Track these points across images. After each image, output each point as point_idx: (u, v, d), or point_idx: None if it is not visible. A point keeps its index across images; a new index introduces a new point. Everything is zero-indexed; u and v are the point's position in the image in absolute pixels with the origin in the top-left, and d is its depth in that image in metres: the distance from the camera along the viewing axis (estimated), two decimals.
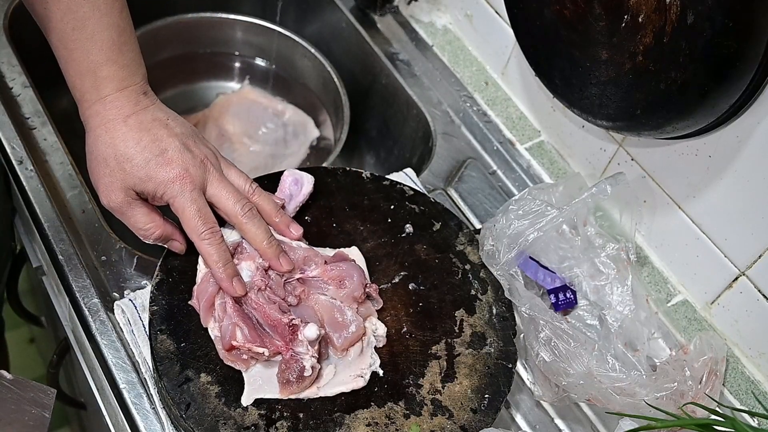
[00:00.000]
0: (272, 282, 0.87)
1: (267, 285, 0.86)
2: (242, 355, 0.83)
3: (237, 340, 0.82)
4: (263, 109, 1.35)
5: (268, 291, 0.86)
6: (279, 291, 0.86)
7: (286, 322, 0.83)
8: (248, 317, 0.84)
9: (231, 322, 0.83)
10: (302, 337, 0.82)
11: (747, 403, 0.94)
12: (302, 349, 0.82)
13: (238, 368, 0.84)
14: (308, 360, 0.82)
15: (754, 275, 0.92)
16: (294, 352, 0.82)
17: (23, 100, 1.08)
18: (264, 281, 0.86)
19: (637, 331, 0.93)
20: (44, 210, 0.97)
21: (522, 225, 0.92)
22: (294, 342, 0.82)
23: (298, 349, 0.82)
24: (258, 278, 0.86)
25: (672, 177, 0.98)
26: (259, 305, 0.85)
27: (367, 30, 1.30)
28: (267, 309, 0.84)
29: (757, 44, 0.75)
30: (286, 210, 0.94)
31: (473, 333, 0.91)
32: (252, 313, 0.85)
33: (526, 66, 1.03)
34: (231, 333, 0.82)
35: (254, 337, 0.82)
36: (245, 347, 0.82)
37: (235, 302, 0.85)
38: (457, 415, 0.84)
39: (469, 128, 1.19)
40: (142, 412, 0.85)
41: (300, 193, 0.96)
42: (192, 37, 1.35)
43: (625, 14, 0.84)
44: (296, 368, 0.81)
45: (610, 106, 0.91)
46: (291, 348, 0.82)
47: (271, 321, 0.84)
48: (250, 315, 0.85)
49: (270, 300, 0.85)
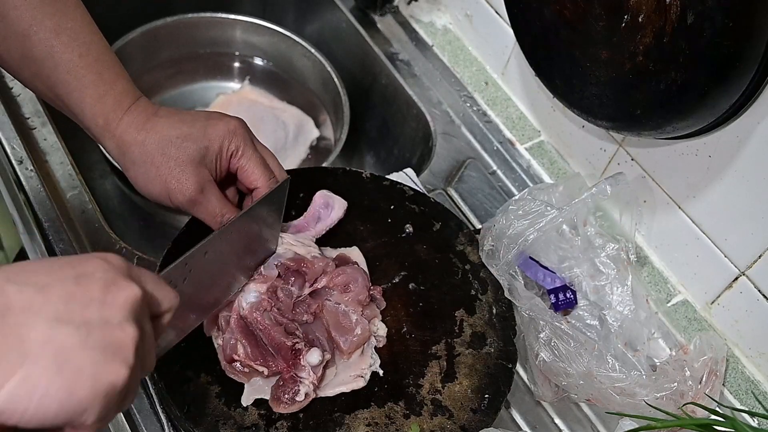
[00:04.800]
0: (281, 303, 0.85)
1: (273, 306, 0.84)
2: (243, 369, 0.83)
3: (238, 355, 0.82)
4: (263, 109, 1.35)
5: (275, 311, 0.84)
6: (287, 312, 0.85)
7: (290, 346, 0.82)
8: (252, 334, 0.83)
9: (233, 336, 0.83)
10: (305, 363, 0.81)
11: (747, 403, 0.94)
12: (304, 374, 0.81)
13: (239, 381, 0.83)
14: (305, 386, 0.81)
15: (754, 275, 0.92)
16: (295, 375, 0.81)
17: (23, 100, 1.08)
18: (270, 302, 0.84)
19: (637, 331, 0.93)
20: (44, 210, 0.97)
21: (522, 225, 0.92)
22: (296, 366, 0.82)
23: (300, 374, 0.81)
24: (265, 298, 0.84)
25: (672, 177, 0.98)
26: (264, 327, 0.83)
27: (367, 30, 1.30)
28: (272, 331, 0.83)
29: (757, 44, 0.75)
30: (316, 229, 0.94)
31: (473, 333, 0.91)
32: (258, 332, 0.84)
33: (526, 66, 1.03)
34: (232, 347, 0.82)
35: (256, 355, 0.82)
36: (246, 363, 0.82)
37: (241, 318, 0.84)
38: (457, 415, 0.84)
39: (469, 128, 1.19)
40: (142, 412, 0.85)
41: (329, 217, 0.95)
42: (192, 37, 1.35)
43: (625, 14, 0.84)
44: (291, 390, 0.81)
45: (610, 106, 0.91)
46: (292, 370, 0.81)
47: (275, 343, 0.82)
48: (255, 333, 0.84)
49: (276, 321, 0.84)
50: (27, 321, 0.49)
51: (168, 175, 0.82)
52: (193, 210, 0.84)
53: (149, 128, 0.82)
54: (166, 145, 0.82)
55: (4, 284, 0.50)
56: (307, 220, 0.95)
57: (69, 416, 0.49)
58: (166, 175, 0.82)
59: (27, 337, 0.48)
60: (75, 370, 0.49)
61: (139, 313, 0.54)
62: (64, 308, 0.50)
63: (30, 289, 0.50)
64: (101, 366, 0.50)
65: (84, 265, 0.53)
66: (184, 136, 0.82)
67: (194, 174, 0.82)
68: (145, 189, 0.83)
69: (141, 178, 0.83)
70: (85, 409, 0.49)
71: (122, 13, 1.32)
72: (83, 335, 0.50)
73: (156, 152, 0.82)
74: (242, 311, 0.84)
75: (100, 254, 0.55)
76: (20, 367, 0.47)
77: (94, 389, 0.49)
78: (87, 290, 0.52)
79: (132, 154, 0.82)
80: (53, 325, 0.49)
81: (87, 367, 0.49)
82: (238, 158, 0.85)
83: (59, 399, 0.48)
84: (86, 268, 0.53)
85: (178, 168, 0.82)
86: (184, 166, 0.82)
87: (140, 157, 0.82)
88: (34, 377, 0.47)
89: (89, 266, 0.53)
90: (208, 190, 0.83)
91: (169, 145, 0.82)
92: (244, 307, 0.84)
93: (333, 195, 0.96)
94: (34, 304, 0.50)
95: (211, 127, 0.84)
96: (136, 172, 0.82)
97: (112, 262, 0.55)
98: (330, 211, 0.96)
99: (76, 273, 0.52)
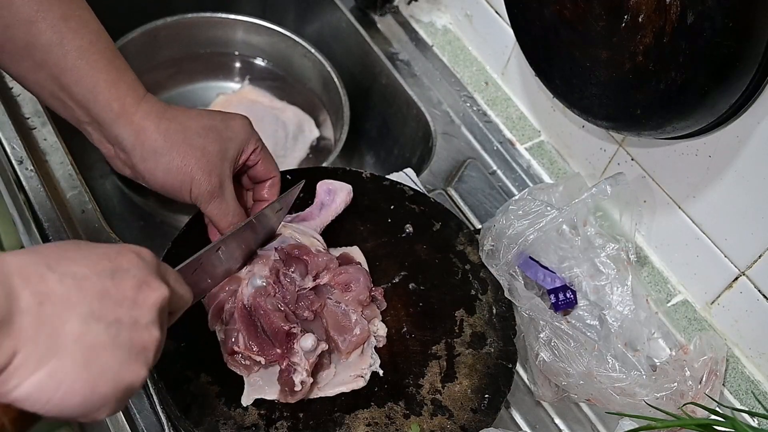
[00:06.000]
0: (285, 291, 0.85)
1: (277, 292, 0.84)
2: (244, 361, 0.83)
3: (238, 347, 0.82)
4: (263, 109, 1.35)
5: (278, 298, 0.84)
6: (291, 303, 0.84)
7: (286, 330, 0.82)
8: (254, 324, 0.83)
9: (234, 327, 0.83)
10: (298, 348, 0.81)
11: (747, 403, 0.94)
12: (297, 360, 0.81)
13: (241, 374, 0.83)
14: (299, 374, 0.80)
15: (754, 275, 0.92)
16: (290, 362, 0.81)
17: (23, 100, 1.08)
18: (275, 288, 0.84)
19: (637, 331, 0.93)
20: (44, 210, 0.97)
21: (522, 225, 0.92)
22: (290, 351, 0.81)
23: (293, 360, 0.81)
24: (270, 283, 0.85)
25: (672, 177, 0.98)
26: (265, 311, 0.83)
27: (367, 30, 1.30)
28: (271, 316, 0.83)
29: (757, 44, 0.75)
30: (321, 216, 0.94)
31: (473, 333, 0.91)
32: (259, 319, 0.84)
33: (526, 66, 1.03)
34: (233, 339, 0.82)
35: (254, 344, 0.82)
36: (245, 354, 0.82)
37: (244, 308, 0.84)
38: (457, 415, 0.84)
39: (469, 128, 1.19)
40: (142, 412, 0.85)
41: (333, 202, 0.95)
42: (192, 37, 1.35)
43: (625, 14, 0.84)
44: (287, 381, 0.81)
45: (610, 106, 0.91)
46: (287, 357, 0.81)
47: (273, 328, 0.82)
48: (257, 321, 0.84)
49: (276, 307, 0.83)
50: (63, 314, 0.50)
51: (194, 165, 0.80)
52: (209, 204, 0.83)
53: (170, 117, 0.81)
54: (192, 135, 0.81)
55: (45, 271, 0.50)
56: (311, 209, 0.95)
57: (87, 410, 0.50)
58: (192, 165, 0.80)
59: (61, 330, 0.50)
60: (101, 368, 0.51)
61: (163, 314, 0.56)
62: (99, 305, 0.52)
63: (69, 280, 0.51)
64: (125, 366, 0.52)
65: (120, 259, 0.55)
66: (208, 127, 0.82)
67: (218, 167, 0.82)
68: (163, 179, 0.81)
69: (161, 168, 0.80)
70: (104, 405, 0.51)
71: (122, 13, 1.32)
72: (113, 334, 0.52)
73: (181, 142, 0.80)
74: (246, 299, 0.84)
75: (135, 248, 0.57)
76: (51, 360, 0.49)
77: (115, 387, 0.51)
78: (121, 287, 0.53)
79: (153, 142, 0.80)
80: (87, 321, 0.51)
81: (113, 366, 0.51)
82: (258, 152, 0.87)
83: (82, 394, 0.50)
84: (122, 262, 0.54)
85: (205, 158, 0.81)
86: (210, 157, 0.81)
87: (163, 146, 0.80)
88: (63, 372, 0.49)
89: (125, 261, 0.55)
90: (227, 187, 0.83)
91: (195, 135, 0.81)
92: (249, 293, 0.84)
93: (335, 182, 0.97)
94: (72, 296, 0.51)
95: (231, 120, 0.84)
96: (157, 162, 0.80)
97: (145, 259, 0.56)
98: (333, 196, 0.96)
99: (112, 267, 0.54)
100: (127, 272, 0.54)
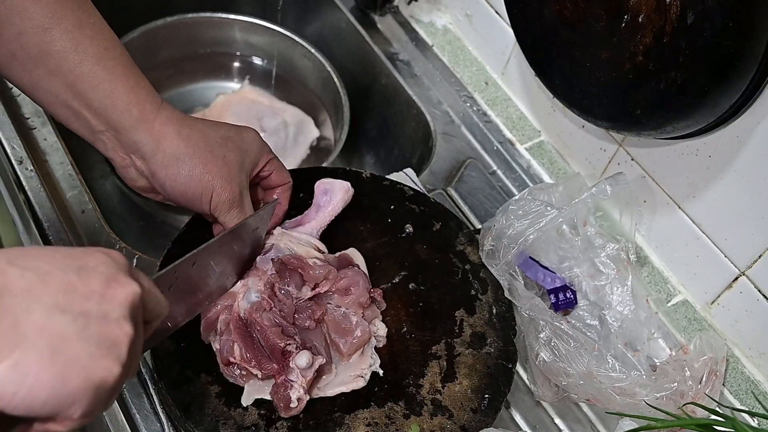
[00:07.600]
0: (282, 305, 0.84)
1: (273, 307, 0.84)
2: (240, 371, 0.82)
3: (234, 357, 0.82)
4: (263, 109, 1.35)
5: (275, 312, 0.84)
6: (289, 315, 0.84)
7: (282, 347, 0.81)
8: (250, 336, 0.83)
9: (230, 338, 0.82)
10: (293, 365, 0.81)
11: (747, 403, 0.94)
12: (293, 377, 0.81)
13: (237, 384, 0.83)
14: (295, 391, 0.80)
15: (754, 275, 0.92)
16: (286, 379, 0.81)
17: (23, 100, 1.08)
18: (270, 302, 0.84)
19: (637, 331, 0.93)
20: (44, 210, 0.97)
21: (522, 225, 0.92)
22: (286, 368, 0.81)
23: (290, 377, 0.81)
24: (266, 298, 0.84)
25: (672, 177, 0.98)
26: (262, 327, 0.82)
27: (367, 30, 1.30)
28: (267, 332, 0.82)
29: (757, 44, 0.75)
30: (317, 219, 0.94)
31: (473, 333, 0.91)
32: (256, 333, 0.83)
33: (526, 66, 1.03)
34: (229, 349, 0.82)
35: (251, 356, 0.82)
36: (241, 365, 0.82)
37: (240, 319, 0.84)
38: (457, 415, 0.84)
39: (469, 128, 1.19)
40: (142, 412, 0.85)
41: (329, 203, 0.94)
42: (192, 37, 1.35)
43: (625, 14, 0.84)
44: (284, 397, 0.80)
45: (610, 106, 0.91)
46: (284, 374, 0.81)
47: (269, 344, 0.82)
48: (254, 334, 0.83)
49: (273, 322, 0.83)
50: (25, 305, 0.48)
51: (216, 173, 0.80)
52: (228, 214, 0.82)
53: (191, 125, 0.81)
54: (213, 144, 0.81)
55: (5, 266, 0.49)
56: (308, 213, 0.94)
57: (57, 407, 0.48)
58: (214, 173, 0.80)
59: (24, 321, 0.48)
60: (69, 360, 0.48)
61: (136, 312, 0.54)
62: (64, 297, 0.50)
63: (31, 273, 0.50)
64: (95, 360, 0.50)
65: (86, 258, 0.53)
66: (227, 138, 0.83)
67: (237, 177, 0.83)
68: (184, 187, 0.80)
69: (183, 175, 0.80)
70: (75, 401, 0.49)
71: (122, 13, 1.32)
72: (80, 326, 0.50)
73: (204, 149, 0.80)
74: (242, 313, 0.84)
75: (103, 249, 0.55)
76: (13, 351, 0.47)
77: (85, 382, 0.49)
78: (88, 282, 0.51)
79: (175, 148, 0.79)
80: (51, 313, 0.49)
81: (81, 359, 0.49)
82: (271, 162, 0.89)
83: (50, 388, 0.48)
84: (88, 261, 0.53)
85: (226, 168, 0.81)
86: (230, 166, 0.82)
87: (185, 153, 0.80)
88: (27, 363, 0.47)
89: (92, 259, 0.53)
90: (245, 196, 0.84)
91: (215, 144, 0.81)
92: (245, 307, 0.84)
93: (332, 180, 0.96)
94: (34, 289, 0.49)
95: (245, 132, 0.86)
96: (179, 169, 0.80)
97: (114, 258, 0.55)
98: (329, 196, 0.95)
99: (78, 264, 0.52)
100: (94, 269, 0.52)
